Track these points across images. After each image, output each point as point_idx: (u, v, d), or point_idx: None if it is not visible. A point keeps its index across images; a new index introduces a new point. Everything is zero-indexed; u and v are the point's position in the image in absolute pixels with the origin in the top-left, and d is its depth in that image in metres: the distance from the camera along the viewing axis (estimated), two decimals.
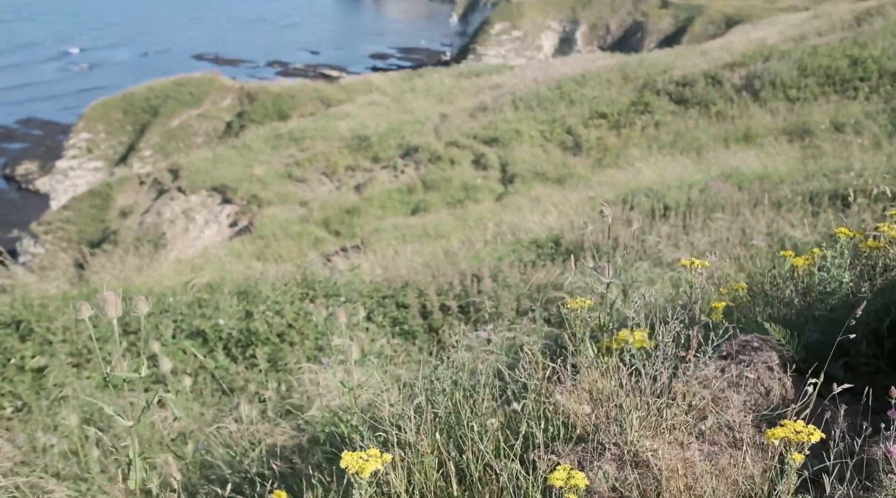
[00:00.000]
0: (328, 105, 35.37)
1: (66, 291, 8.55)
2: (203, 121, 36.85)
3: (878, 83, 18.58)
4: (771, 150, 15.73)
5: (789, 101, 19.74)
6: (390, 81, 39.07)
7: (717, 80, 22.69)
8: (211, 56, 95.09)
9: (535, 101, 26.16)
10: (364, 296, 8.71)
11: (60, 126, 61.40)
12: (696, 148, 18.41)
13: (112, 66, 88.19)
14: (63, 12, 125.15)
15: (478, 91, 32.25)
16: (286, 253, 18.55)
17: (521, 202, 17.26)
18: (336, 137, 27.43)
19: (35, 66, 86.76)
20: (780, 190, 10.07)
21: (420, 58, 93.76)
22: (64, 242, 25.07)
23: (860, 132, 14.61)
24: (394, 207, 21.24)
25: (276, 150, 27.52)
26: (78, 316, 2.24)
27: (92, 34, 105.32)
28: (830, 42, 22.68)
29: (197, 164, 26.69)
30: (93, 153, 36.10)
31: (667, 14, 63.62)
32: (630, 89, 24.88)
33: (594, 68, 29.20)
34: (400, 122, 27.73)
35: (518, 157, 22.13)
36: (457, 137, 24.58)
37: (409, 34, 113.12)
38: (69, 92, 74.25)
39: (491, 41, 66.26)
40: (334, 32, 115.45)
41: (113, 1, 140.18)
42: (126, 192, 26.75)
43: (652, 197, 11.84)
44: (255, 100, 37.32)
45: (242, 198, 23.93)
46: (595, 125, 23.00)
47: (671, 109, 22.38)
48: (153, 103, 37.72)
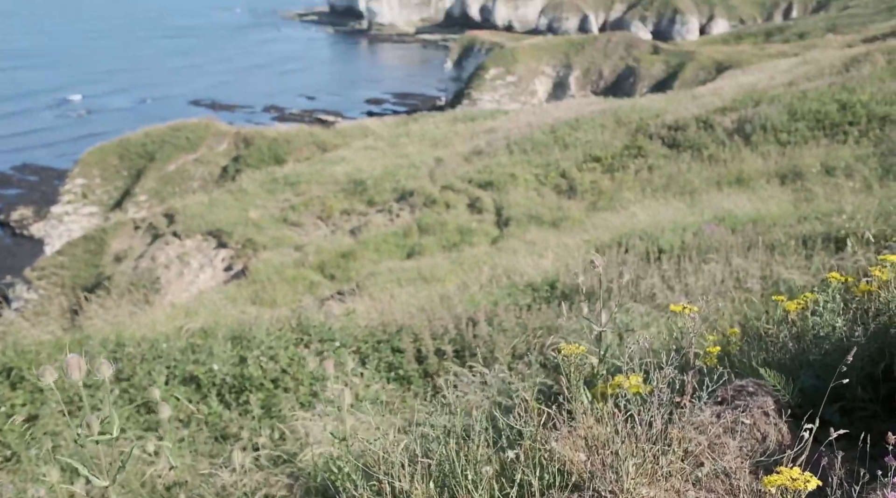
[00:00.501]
0: (324, 149, 35.61)
1: (58, 338, 8.50)
2: (199, 165, 37.03)
3: (867, 127, 18.80)
4: (763, 193, 15.83)
5: (780, 144, 19.93)
6: (385, 126, 39.42)
7: (708, 124, 22.93)
8: (208, 102, 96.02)
9: (530, 145, 26.38)
10: (359, 340, 8.67)
11: (57, 172, 61.65)
12: (689, 191, 18.53)
13: (111, 112, 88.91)
14: (65, 60, 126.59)
15: (472, 135, 32.52)
16: (281, 297, 18.51)
17: (516, 245, 17.29)
18: (331, 182, 27.55)
19: (34, 113, 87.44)
20: (773, 233, 10.11)
21: (415, 103, 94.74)
22: (58, 288, 24.98)
23: (851, 175, 14.73)
24: (389, 251, 21.25)
25: (271, 195, 27.62)
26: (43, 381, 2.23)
27: (93, 81, 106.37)
28: (819, 87, 23.00)
29: (192, 208, 26.74)
30: (88, 198, 36.18)
31: (658, 60, 64.57)
32: (623, 133, 25.12)
33: (587, 113, 29.51)
34: (395, 167, 27.90)
35: (513, 200, 22.23)
36: (452, 181, 24.72)
37: (404, 80, 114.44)
38: (67, 138, 74.74)
39: (485, 86, 67.03)
40: (330, 78, 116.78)
41: (114, 49, 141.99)
42: (121, 237, 26.75)
43: (646, 240, 11.88)
44: (252, 144, 37.57)
45: (238, 242, 23.94)
46: (589, 169, 23.17)
47: (664, 153, 22.58)
48: (149, 149, 37.94)
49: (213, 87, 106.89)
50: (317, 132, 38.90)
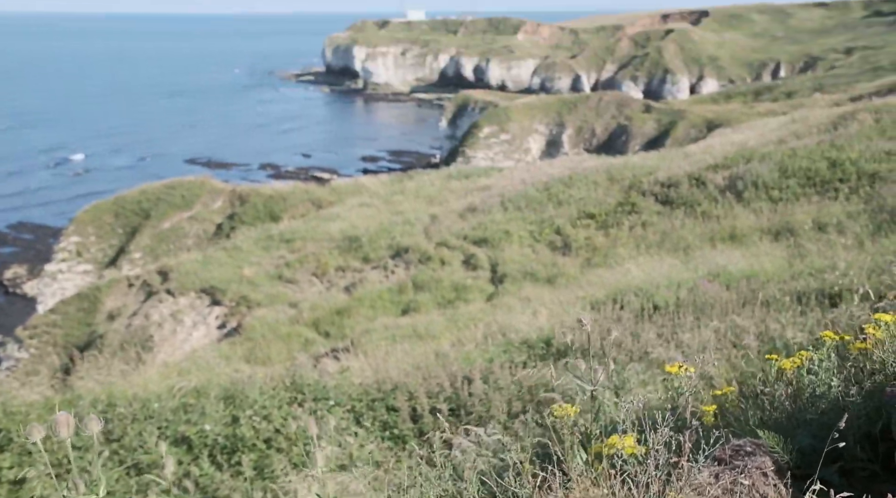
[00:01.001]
0: (319, 207, 35.77)
1: (48, 398, 8.39)
2: (194, 223, 37.13)
3: (857, 184, 18.99)
4: (756, 249, 15.90)
5: (772, 201, 20.10)
6: (381, 183, 39.68)
7: (700, 181, 23.15)
8: (204, 160, 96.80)
9: (524, 202, 26.55)
10: (353, 399, 8.58)
11: (52, 230, 61.75)
12: (683, 247, 18.60)
13: (108, 170, 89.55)
14: (64, 119, 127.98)
15: (467, 192, 32.75)
16: (275, 355, 18.37)
17: (511, 302, 17.26)
18: (326, 238, 27.61)
19: (32, 172, 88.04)
20: (767, 289, 10.13)
21: (410, 160, 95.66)
22: (49, 347, 24.78)
23: (843, 232, 14.83)
24: (384, 308, 21.18)
25: (266, 252, 27.63)
26: (30, 439, 2.20)
27: (91, 140, 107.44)
28: (809, 145, 23.30)
29: (186, 265, 26.71)
30: (82, 256, 36.15)
31: (650, 118, 65.51)
32: (616, 190, 25.33)
33: (581, 170, 29.79)
34: (390, 224, 28.00)
35: (508, 257, 22.28)
36: (447, 238, 24.80)
37: (399, 138, 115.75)
38: (64, 197, 75.11)
39: (479, 144, 67.76)
40: (326, 136, 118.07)
41: (114, 108, 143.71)
42: (114, 295, 26.65)
43: (641, 296, 11.88)
44: (247, 202, 37.74)
45: (232, 299, 23.86)
46: (583, 225, 23.28)
47: (657, 210, 22.73)
48: (145, 206, 38.08)
49: (210, 145, 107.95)
50: (312, 189, 39.12)
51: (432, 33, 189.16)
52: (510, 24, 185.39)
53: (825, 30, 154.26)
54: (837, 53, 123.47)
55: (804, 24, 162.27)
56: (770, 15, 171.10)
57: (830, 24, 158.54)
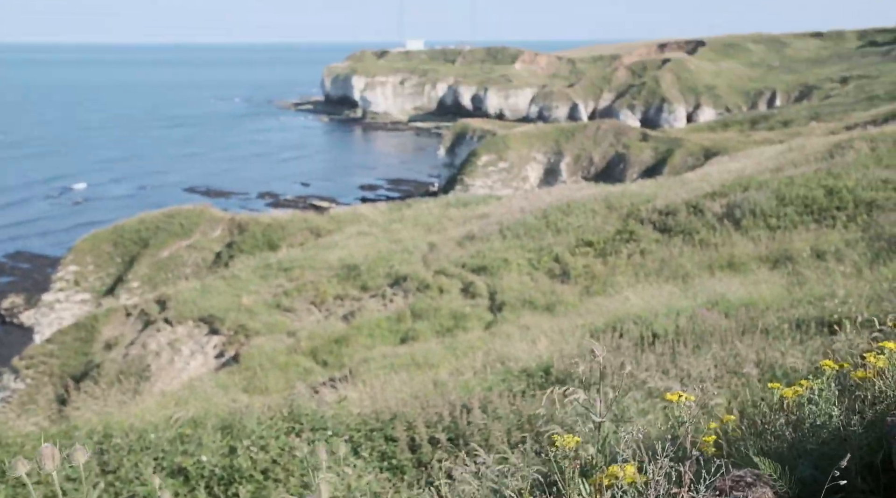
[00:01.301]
0: (318, 235, 35.81)
1: (44, 429, 8.34)
2: (193, 251, 37.13)
3: (854, 212, 19.04)
4: (755, 277, 15.90)
5: (770, 229, 20.14)
6: (379, 212, 39.78)
7: (698, 209, 23.21)
8: (203, 189, 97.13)
9: (523, 230, 26.59)
10: (352, 429, 8.53)
11: (50, 259, 61.71)
12: (681, 275, 18.60)
13: (108, 200, 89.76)
14: (64, 149, 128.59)
15: (465, 220, 32.81)
16: (273, 384, 18.28)
17: (510, 330, 17.21)
18: (325, 267, 27.60)
19: (32, 202, 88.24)
20: (766, 317, 10.11)
21: (408, 189, 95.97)
22: (46, 377, 24.65)
23: (841, 260, 14.84)
24: (382, 336, 21.12)
25: (264, 280, 27.60)
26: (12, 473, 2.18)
27: (91, 170, 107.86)
28: (806, 173, 23.41)
29: (185, 294, 26.67)
30: (80, 285, 36.08)
31: (647, 147, 65.86)
32: (615, 218, 25.39)
33: (579, 198, 29.87)
34: (389, 252, 28.01)
35: (506, 285, 22.26)
36: (445, 266, 24.79)
37: (397, 166, 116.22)
38: (63, 226, 75.20)
39: (478, 172, 68.02)
40: (325, 165, 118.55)
41: (114, 138, 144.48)
42: (112, 324, 26.57)
43: (640, 324, 11.86)
44: (246, 230, 37.78)
45: (230, 328, 23.79)
46: (582, 253, 23.30)
47: (655, 238, 22.77)
48: (143, 235, 38.10)
49: (209, 174, 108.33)
50: (311, 218, 39.20)
51: (431, 63, 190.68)
52: (508, 54, 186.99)
53: (820, 59, 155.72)
54: (833, 83, 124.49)
55: (800, 54, 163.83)
56: (766, 45, 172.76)
57: (825, 54, 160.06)
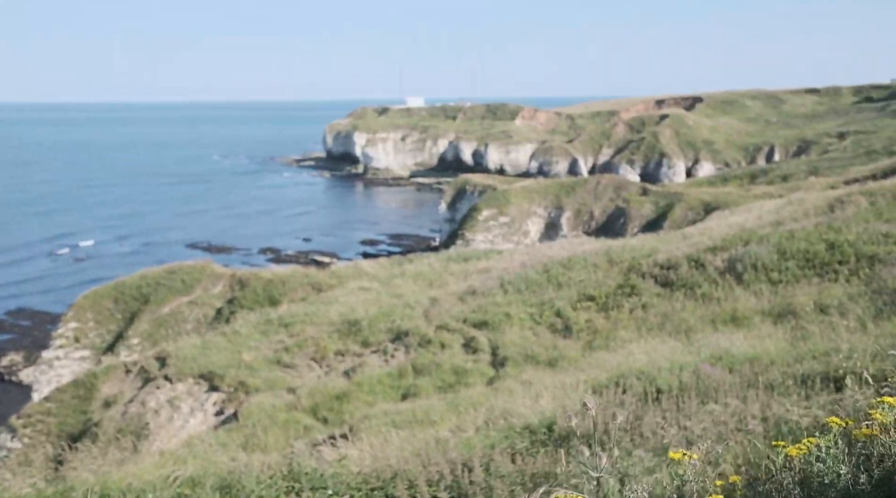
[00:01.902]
0: (319, 290, 35.78)
1: (40, 490, 8.21)
2: (194, 307, 37.06)
3: (856, 266, 19.04)
4: (758, 331, 15.83)
5: (772, 283, 20.11)
6: (380, 266, 39.80)
7: (700, 263, 23.22)
8: (205, 244, 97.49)
9: (524, 285, 26.57)
10: (352, 488, 8.40)
11: (51, 316, 61.60)
12: (684, 330, 18.51)
13: (110, 257, 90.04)
14: (68, 207, 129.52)
15: (467, 275, 32.81)
16: (273, 442, 18.07)
17: (512, 386, 17.07)
18: (326, 322, 27.52)
19: (34, 260, 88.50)
20: (771, 372, 10.04)
21: (409, 243, 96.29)
22: (43, 436, 24.37)
23: (844, 314, 14.78)
24: (384, 393, 20.94)
25: (265, 336, 27.50)
26: None
27: (94, 228, 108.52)
28: (806, 227, 23.48)
29: (185, 351, 26.53)
30: (80, 342, 35.92)
31: (647, 201, 66.24)
32: (616, 272, 25.38)
33: (580, 252, 29.92)
34: (390, 307, 27.95)
35: (508, 340, 22.14)
36: (447, 321, 24.71)
37: (399, 221, 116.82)
38: (64, 283, 75.26)
39: (479, 227, 68.30)
40: (326, 221, 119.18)
41: (117, 195, 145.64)
42: (111, 382, 26.37)
43: (644, 380, 11.76)
44: (247, 286, 37.76)
45: (230, 385, 23.61)
46: (584, 307, 23.23)
47: (657, 292, 22.73)
48: (144, 291, 38.07)
49: (211, 230, 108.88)
50: (312, 273, 39.21)
51: (431, 119, 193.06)
52: (508, 110, 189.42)
53: (817, 115, 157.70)
54: (830, 138, 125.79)
55: (796, 110, 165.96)
56: (763, 101, 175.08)
57: (822, 110, 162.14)
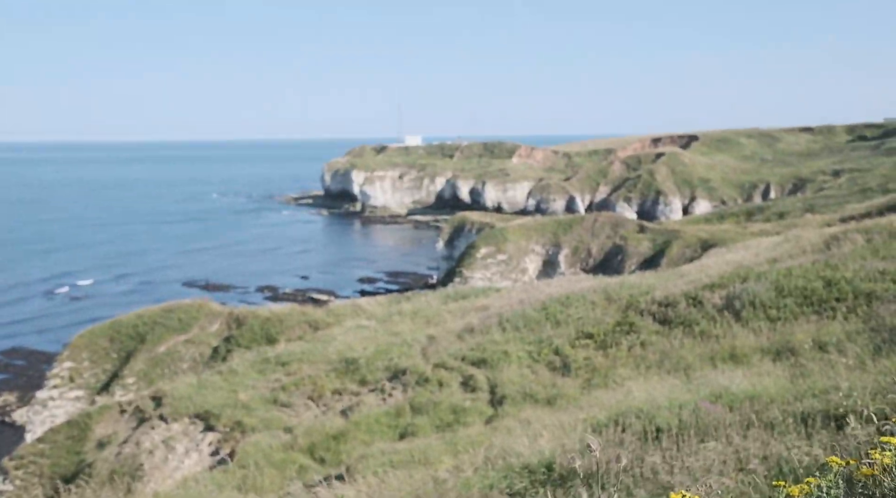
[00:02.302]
0: (316, 328, 35.65)
1: None
2: (190, 346, 36.86)
3: (854, 304, 19.01)
4: (757, 369, 15.74)
5: (770, 320, 20.07)
6: (378, 304, 39.70)
7: (698, 300, 23.19)
8: (203, 283, 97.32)
9: (522, 322, 26.48)
10: None
11: (45, 355, 61.24)
12: (683, 367, 18.42)
13: (108, 296, 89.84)
14: (66, 246, 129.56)
15: (464, 313, 32.72)
16: (269, 483, 17.88)
17: (511, 425, 16.94)
18: (323, 361, 27.37)
19: (31, 300, 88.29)
20: (771, 411, 9.96)
21: (407, 281, 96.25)
22: (35, 478, 24.05)
23: (843, 352, 14.72)
24: (381, 432, 20.77)
25: (262, 375, 27.33)
26: None
27: (92, 267, 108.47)
28: (804, 264, 23.50)
29: (180, 390, 26.33)
30: (75, 382, 35.64)
31: (645, 238, 66.40)
32: (614, 310, 25.33)
33: (578, 290, 29.89)
34: (387, 345, 27.83)
35: (507, 378, 22.01)
36: (445, 359, 24.58)
37: (396, 259, 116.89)
38: (62, 323, 74.97)
39: (476, 264, 68.34)
40: (324, 258, 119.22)
41: (115, 235, 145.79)
42: (105, 422, 26.12)
43: (643, 418, 11.66)
44: (244, 324, 37.61)
45: (226, 425, 23.39)
46: (582, 345, 23.14)
47: (656, 329, 22.66)
48: (141, 330, 37.90)
49: (209, 268, 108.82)
50: (309, 311, 39.10)
51: (429, 157, 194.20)
52: (505, 148, 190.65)
53: (812, 153, 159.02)
54: (825, 176, 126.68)
55: (791, 148, 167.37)
56: (758, 139, 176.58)
57: (816, 148, 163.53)
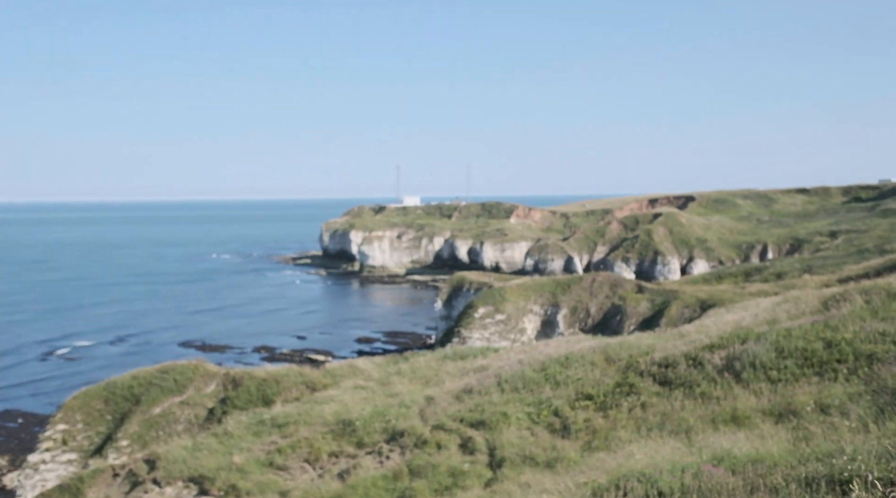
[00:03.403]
0: (313, 389, 35.30)
1: None
2: (185, 408, 36.43)
3: (855, 365, 18.90)
4: (760, 431, 15.57)
5: (771, 382, 19.91)
6: (376, 365, 39.39)
7: (698, 361, 23.04)
8: (199, 343, 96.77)
9: (521, 383, 26.25)
10: None
11: (39, 418, 60.52)
12: (684, 429, 18.20)
13: (103, 357, 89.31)
14: (62, 308, 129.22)
15: (463, 373, 32.46)
16: None
17: (510, 488, 16.69)
18: (320, 422, 27.04)
19: (28, 361, 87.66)
20: (774, 475, 9.81)
21: (405, 341, 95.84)
22: None
23: (846, 414, 14.58)
24: (379, 495, 20.43)
25: (258, 437, 26.96)
26: None
27: (88, 328, 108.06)
28: (803, 325, 23.41)
29: (175, 453, 25.94)
30: (67, 445, 35.10)
31: (643, 298, 66.34)
32: (614, 371, 25.15)
33: (577, 350, 29.71)
34: (385, 406, 27.53)
35: (506, 440, 21.72)
36: (443, 421, 24.29)
37: (394, 319, 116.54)
38: (57, 384, 74.34)
39: (475, 324, 68.11)
40: (322, 318, 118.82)
41: (112, 295, 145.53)
42: (97, 486, 25.64)
43: (645, 482, 11.47)
44: (240, 385, 37.24)
45: (220, 489, 22.98)
46: (582, 407, 22.89)
47: (656, 391, 22.45)
48: (136, 391, 37.49)
49: (206, 328, 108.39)
50: (306, 372, 38.75)
51: (427, 217, 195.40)
52: (503, 209, 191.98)
53: (808, 214, 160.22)
54: (822, 236, 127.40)
55: (787, 209, 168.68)
56: (754, 200, 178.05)
57: (812, 209, 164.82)
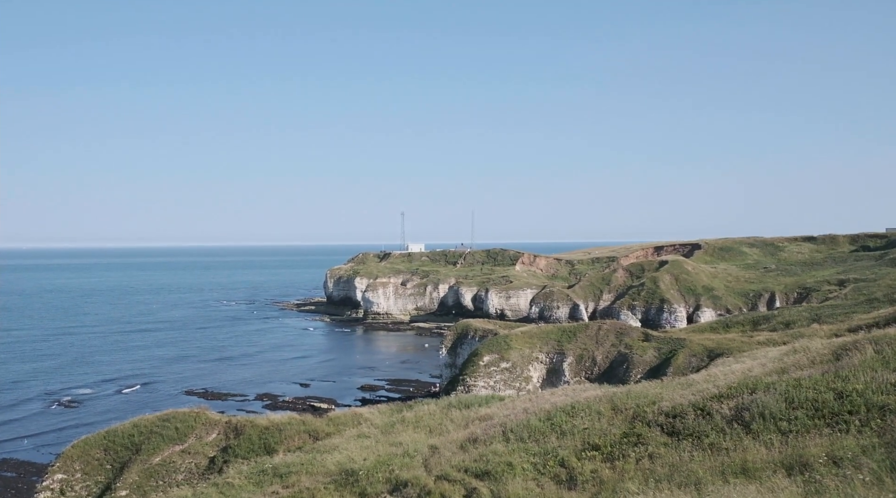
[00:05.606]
0: (316, 438, 34.85)
1: None
2: (186, 457, 35.92)
3: (867, 417, 18.54)
4: (771, 484, 15.20)
5: (781, 433, 19.52)
6: (379, 413, 38.93)
7: (706, 411, 22.66)
8: (201, 391, 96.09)
9: (527, 433, 25.84)
10: None
11: (37, 467, 59.75)
12: (693, 482, 17.79)
13: (104, 406, 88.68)
14: (66, 355, 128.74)
15: (468, 422, 32.01)
16: None
17: None
18: (322, 472, 26.59)
19: (27, 411, 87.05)
20: None
21: (409, 389, 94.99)
22: None
23: (859, 467, 14.23)
24: None
25: (259, 487, 26.50)
26: None
27: (90, 376, 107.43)
28: (813, 375, 23.06)
29: None
30: (65, 495, 34.53)
31: (650, 347, 65.80)
32: (620, 420, 24.74)
33: (583, 399, 29.30)
34: (388, 455, 27.09)
35: (511, 491, 21.26)
36: (447, 471, 23.85)
37: (398, 366, 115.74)
38: (56, 433, 73.57)
39: (480, 372, 67.50)
40: (325, 366, 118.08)
41: (114, 343, 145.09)
42: None
43: None
44: (242, 434, 36.78)
45: None
46: (588, 457, 22.46)
47: (664, 441, 22.04)
48: (136, 440, 37.02)
49: (209, 376, 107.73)
50: (309, 421, 38.30)
51: (432, 264, 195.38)
52: (507, 256, 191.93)
53: (815, 262, 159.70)
54: (830, 285, 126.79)
55: (794, 257, 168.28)
56: (760, 248, 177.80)
57: (820, 257, 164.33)
